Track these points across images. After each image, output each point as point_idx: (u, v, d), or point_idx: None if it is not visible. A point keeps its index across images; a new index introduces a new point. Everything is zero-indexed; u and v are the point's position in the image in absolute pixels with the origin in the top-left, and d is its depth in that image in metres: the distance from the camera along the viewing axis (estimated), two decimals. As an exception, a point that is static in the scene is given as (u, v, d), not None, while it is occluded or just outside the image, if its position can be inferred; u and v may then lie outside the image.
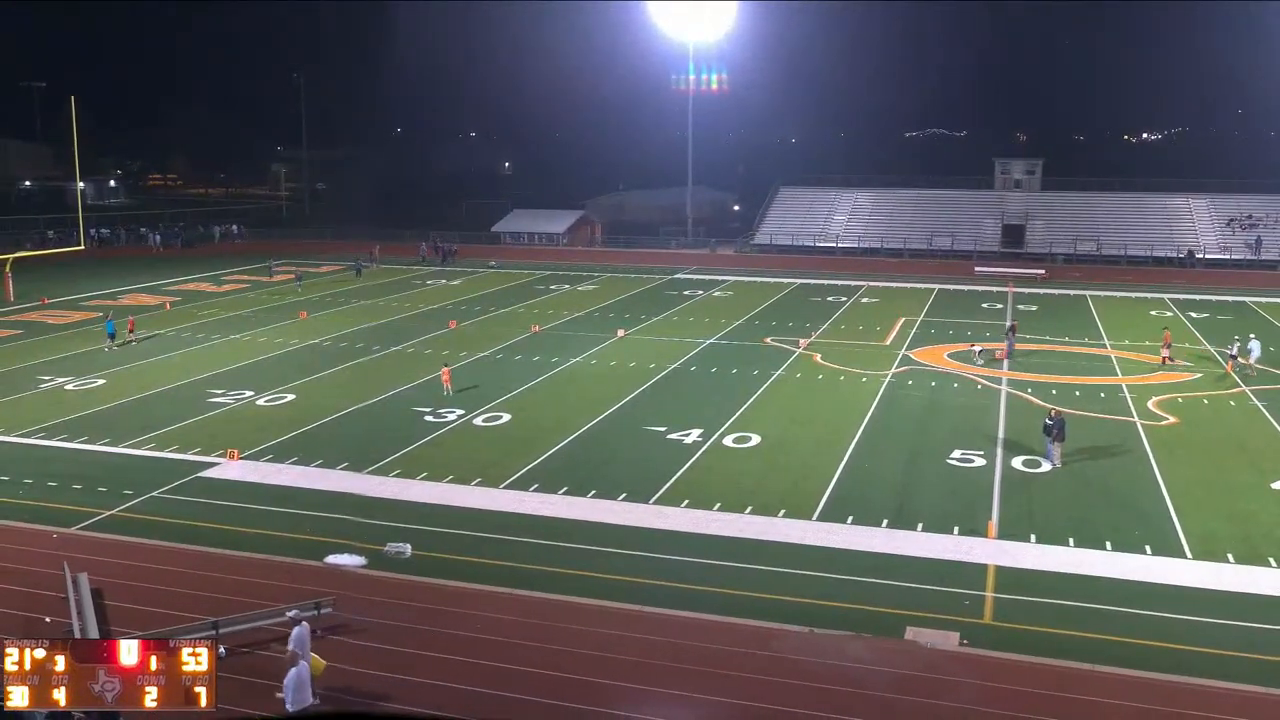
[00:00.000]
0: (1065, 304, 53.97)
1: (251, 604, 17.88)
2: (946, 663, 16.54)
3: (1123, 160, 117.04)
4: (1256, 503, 23.68)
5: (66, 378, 36.12)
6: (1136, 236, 75.33)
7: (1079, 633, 17.41)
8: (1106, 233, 76.12)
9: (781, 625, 17.69)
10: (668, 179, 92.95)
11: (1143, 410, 31.83)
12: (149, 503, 23.77)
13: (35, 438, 28.94)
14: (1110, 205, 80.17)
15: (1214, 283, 63.06)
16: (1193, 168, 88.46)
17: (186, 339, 43.34)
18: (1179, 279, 64.86)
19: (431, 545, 21.16)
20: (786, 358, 39.50)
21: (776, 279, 63.26)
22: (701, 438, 28.69)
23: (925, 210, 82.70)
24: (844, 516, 22.75)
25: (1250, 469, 26.10)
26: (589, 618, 18.05)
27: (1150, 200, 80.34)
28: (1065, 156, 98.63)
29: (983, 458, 27.00)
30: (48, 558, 20.27)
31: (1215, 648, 16.88)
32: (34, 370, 37.31)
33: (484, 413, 31.37)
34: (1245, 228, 74.08)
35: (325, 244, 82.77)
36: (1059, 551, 20.87)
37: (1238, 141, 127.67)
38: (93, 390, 34.39)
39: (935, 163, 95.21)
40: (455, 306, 52.09)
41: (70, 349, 41.06)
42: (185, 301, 53.78)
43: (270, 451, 27.54)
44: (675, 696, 15.56)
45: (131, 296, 55.49)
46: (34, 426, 29.90)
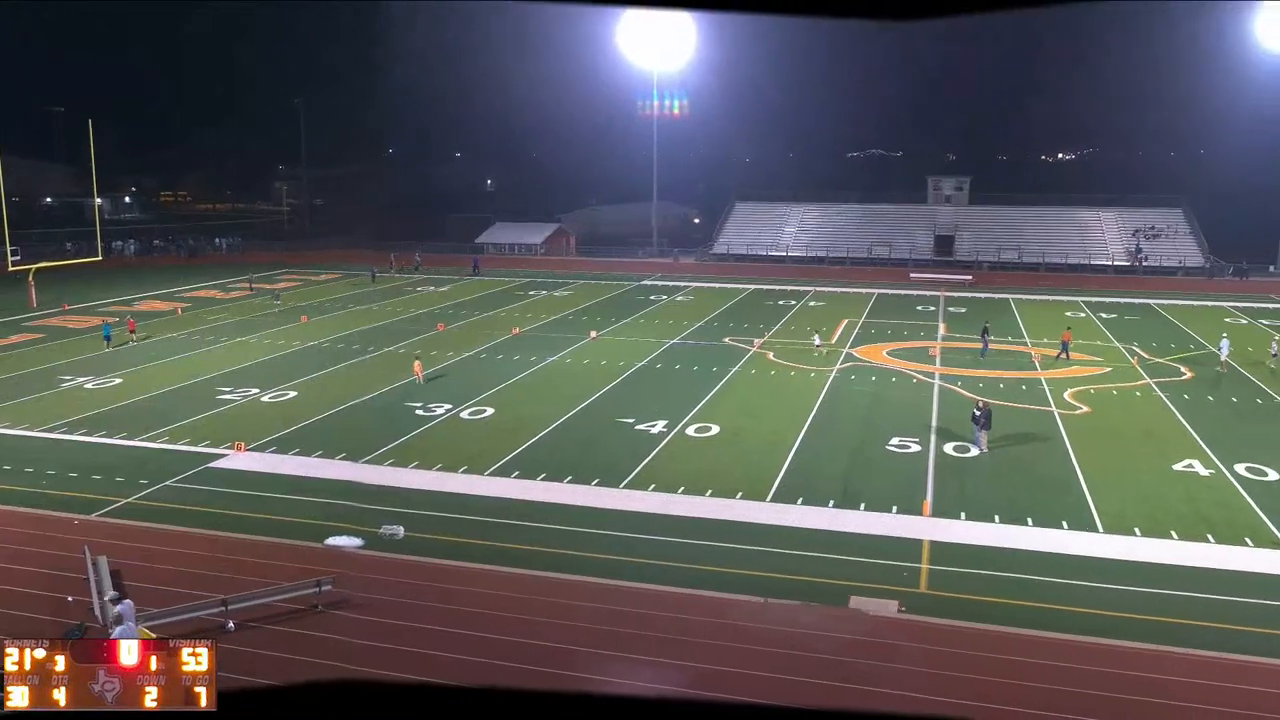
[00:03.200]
0: (990, 306, 54.42)
1: (258, 582, 17.74)
2: (887, 628, 16.65)
3: (1041, 178, 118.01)
4: (1160, 483, 24.00)
5: (86, 377, 35.62)
6: (1053, 246, 76.12)
7: (1005, 600, 17.58)
8: (1027, 242, 76.85)
9: (739, 596, 17.75)
10: (635, 195, 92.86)
11: (1059, 401, 32.18)
12: (163, 491, 23.50)
13: (58, 432, 28.53)
14: (1030, 218, 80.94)
15: (1122, 287, 63.84)
16: (1102, 184, 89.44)
17: (196, 341, 42.85)
18: (1091, 284, 65.59)
19: (423, 527, 21.06)
20: (742, 356, 39.59)
21: (733, 285, 63.38)
22: (666, 428, 28.71)
23: (866, 222, 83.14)
24: (795, 498, 22.85)
25: (1154, 453, 26.45)
26: (566, 591, 18.03)
27: (1065, 213, 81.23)
28: (990, 174, 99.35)
29: (918, 444, 27.20)
30: (70, 542, 20.00)
31: (1125, 611, 17.09)
32: (56, 371, 36.76)
33: (470, 407, 31.24)
34: (1148, 238, 75.10)
35: (324, 254, 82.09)
36: (986, 527, 21.05)
37: (1141, 161, 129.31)
38: (110, 389, 33.93)
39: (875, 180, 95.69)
40: (443, 311, 51.80)
41: (89, 351, 40.46)
42: (195, 307, 53.15)
43: (274, 444, 27.30)
44: (645, 662, 15.56)
45: (146, 303, 54.74)
46: (56, 422, 29.48)
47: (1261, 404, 32.02)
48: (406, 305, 54.30)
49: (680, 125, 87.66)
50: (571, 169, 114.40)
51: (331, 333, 44.82)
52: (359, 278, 66.15)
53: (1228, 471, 24.74)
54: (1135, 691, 14.61)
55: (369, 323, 47.92)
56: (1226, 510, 22.06)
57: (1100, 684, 14.80)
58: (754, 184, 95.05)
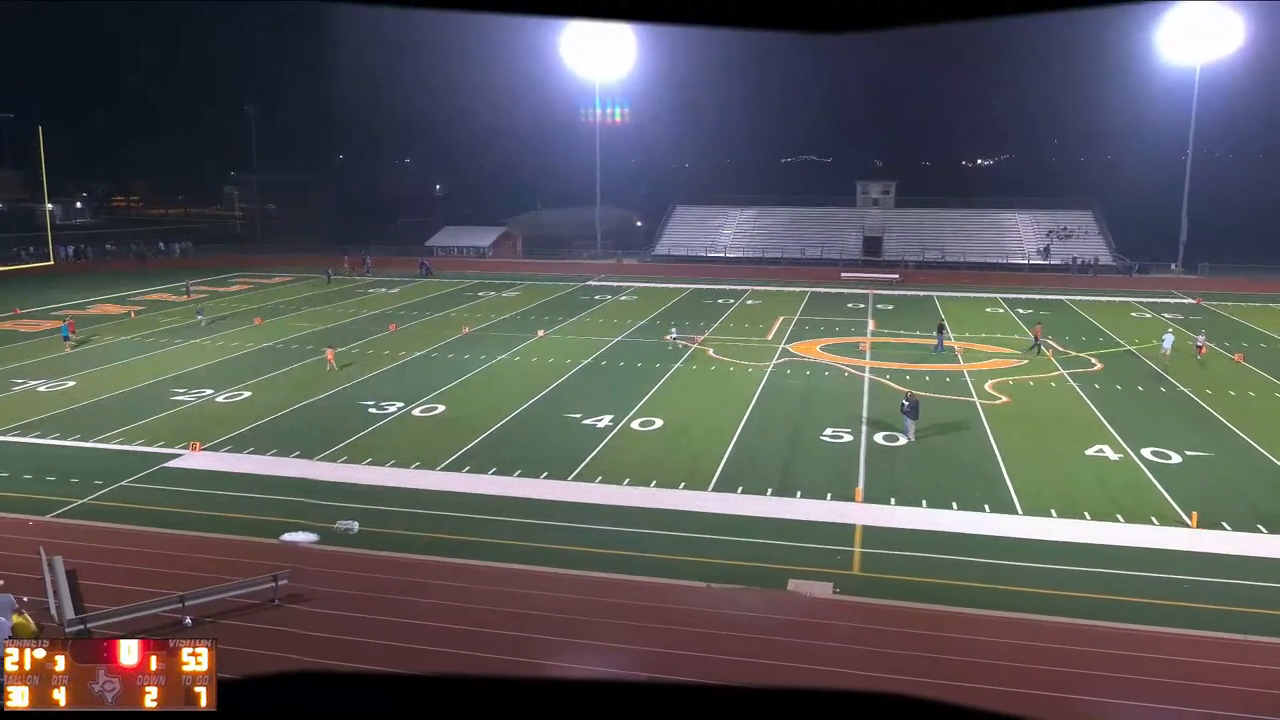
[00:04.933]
0: (916, 303, 55.27)
1: (214, 579, 17.37)
2: (823, 608, 16.85)
3: (962, 182, 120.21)
4: (1074, 467, 24.58)
5: (39, 380, 34.56)
6: (974, 246, 77.50)
7: (932, 579, 17.89)
8: (949, 243, 78.13)
9: (683, 581, 17.83)
10: (579, 198, 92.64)
11: (981, 392, 32.80)
12: (118, 491, 22.90)
13: (11, 435, 27.64)
14: (952, 220, 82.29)
15: (1038, 284, 65.24)
16: (1018, 188, 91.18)
17: (150, 344, 41.80)
18: (1010, 282, 66.92)
19: (377, 522, 20.80)
20: (684, 352, 39.73)
21: (674, 285, 63.55)
22: (612, 422, 28.71)
23: (799, 225, 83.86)
24: (735, 487, 22.99)
25: (1069, 439, 27.06)
26: (518, 581, 17.95)
27: (984, 216, 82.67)
28: (915, 179, 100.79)
29: (850, 434, 27.52)
30: (25, 543, 19.39)
31: (1042, 588, 17.49)
32: (9, 374, 35.59)
33: (421, 404, 30.92)
34: (1062, 237, 76.81)
35: (275, 259, 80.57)
36: (915, 512, 21.37)
37: (1054, 166, 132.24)
38: (64, 391, 32.96)
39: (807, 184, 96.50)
40: (394, 312, 51.18)
41: (42, 354, 39.27)
42: (149, 310, 51.84)
43: (229, 443, 26.76)
44: (593, 647, 15.57)
45: (99, 306, 53.26)
46: (10, 425, 28.55)
47: (1165, 392, 32.95)
48: (359, 306, 53.55)
49: (622, 132, 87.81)
50: (517, 174, 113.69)
51: (285, 334, 44.03)
52: (312, 279, 65.10)
53: (1135, 455, 25.42)
54: (1053, 663, 14.95)
55: (322, 324, 47.16)
56: (1134, 491, 22.67)
57: (1021, 656, 15.15)
58: (693, 188, 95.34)
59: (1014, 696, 13.87)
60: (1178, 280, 66.83)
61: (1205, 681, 14.47)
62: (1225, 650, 15.37)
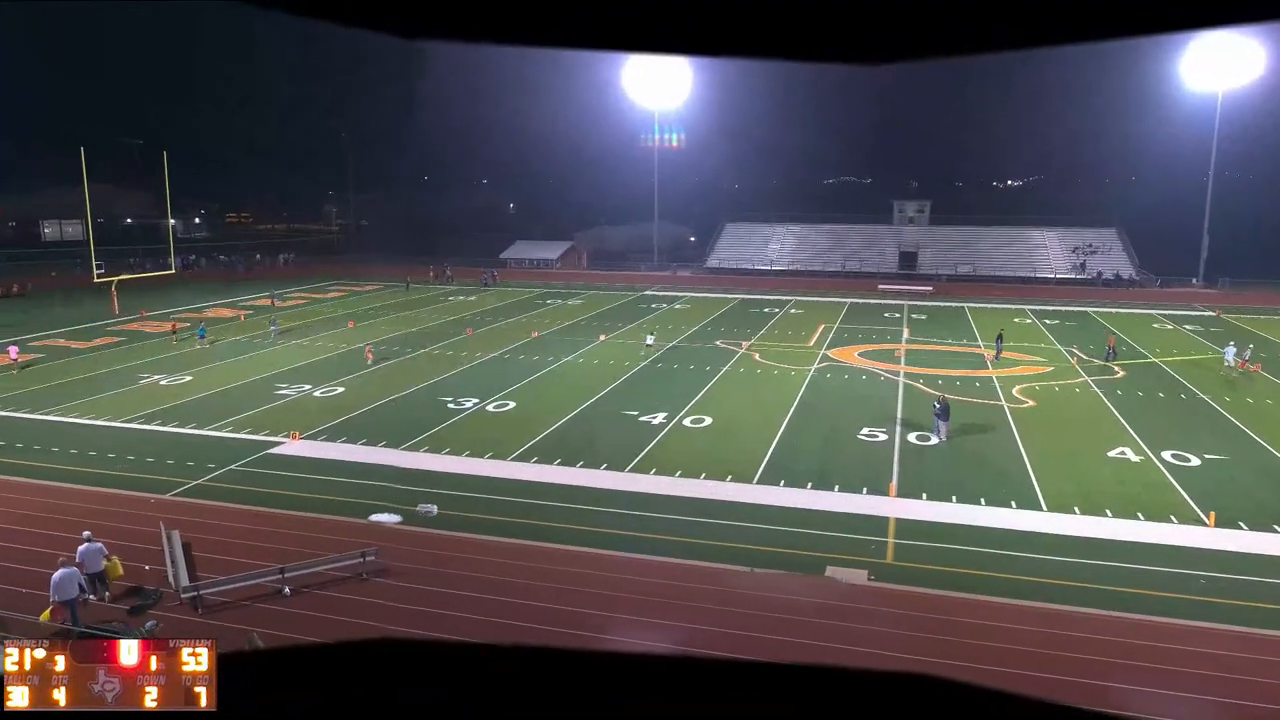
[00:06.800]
0: (948, 314, 54.34)
1: (310, 553, 17.74)
2: (858, 594, 16.64)
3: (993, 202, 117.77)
4: (1096, 467, 23.96)
5: (161, 375, 35.65)
6: (1003, 261, 76.05)
7: (961, 569, 17.57)
8: (980, 258, 76.79)
9: (729, 566, 17.75)
10: (638, 215, 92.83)
11: (1009, 396, 32.12)
12: (228, 474, 23.52)
13: (136, 423, 28.57)
14: (983, 237, 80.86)
15: (1064, 297, 63.73)
16: (1046, 207, 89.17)
17: (258, 344, 42.87)
18: (1038, 295, 65.46)
19: (454, 506, 21.06)
20: (732, 356, 39.55)
21: (724, 295, 63.33)
22: (666, 420, 28.69)
23: (839, 240, 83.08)
24: (778, 480, 22.83)
25: (1092, 441, 26.39)
26: (578, 562, 18.03)
27: (1014, 233, 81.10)
28: (948, 198, 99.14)
29: (885, 434, 27.16)
30: (147, 519, 20.03)
31: (1066, 579, 17.09)
32: (134, 370, 36.80)
33: (494, 401, 31.23)
34: (1086, 254, 74.94)
35: (369, 268, 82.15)
36: (945, 506, 21.03)
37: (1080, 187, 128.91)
38: (182, 385, 33.96)
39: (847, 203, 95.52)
40: (472, 317, 51.79)
41: (164, 352, 40.52)
42: (256, 314, 53.18)
43: (325, 433, 27.32)
44: (646, 624, 15.57)
45: (213, 310, 54.81)
46: (135, 414, 29.52)
47: (1185, 399, 31.94)
48: (440, 312, 54.28)
49: (678, 155, 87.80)
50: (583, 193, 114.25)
51: (375, 336, 44.80)
52: (395, 288, 66.21)
53: (1155, 458, 24.69)
54: (1073, 649, 14.58)
55: (407, 328, 47.92)
56: (1154, 491, 22.01)
57: (1044, 643, 14.79)
58: (742, 206, 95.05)
59: (1035, 680, 13.54)
60: (1198, 294, 64.71)
61: (1220, 672, 13.98)
62: (1238, 643, 14.84)
